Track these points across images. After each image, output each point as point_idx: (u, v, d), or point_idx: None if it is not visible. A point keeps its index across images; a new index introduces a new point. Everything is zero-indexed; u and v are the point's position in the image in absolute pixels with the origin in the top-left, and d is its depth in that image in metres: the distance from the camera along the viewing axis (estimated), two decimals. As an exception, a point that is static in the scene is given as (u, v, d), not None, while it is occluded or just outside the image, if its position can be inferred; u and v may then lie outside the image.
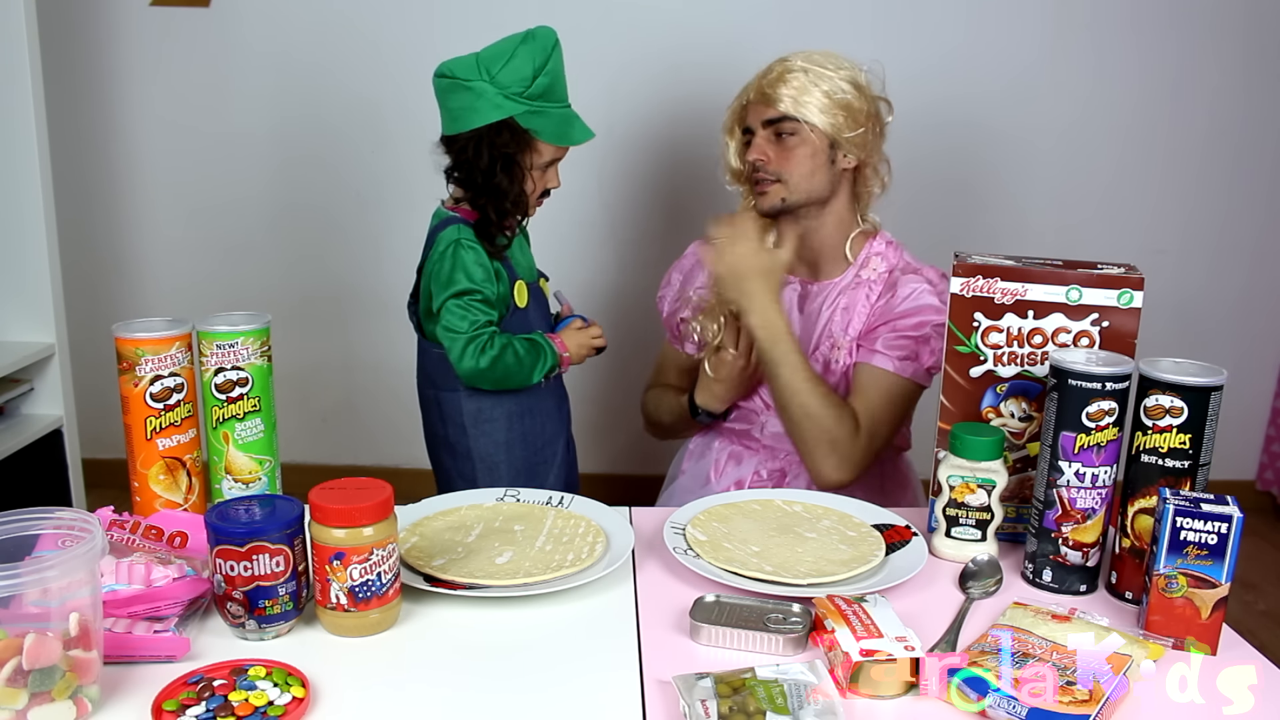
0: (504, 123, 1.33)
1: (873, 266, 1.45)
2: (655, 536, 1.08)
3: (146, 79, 2.51)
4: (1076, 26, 2.45)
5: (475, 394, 1.43)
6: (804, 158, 1.39)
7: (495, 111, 1.32)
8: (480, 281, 1.37)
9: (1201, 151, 2.53)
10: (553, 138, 1.33)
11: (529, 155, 1.35)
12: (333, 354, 2.68)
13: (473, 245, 1.38)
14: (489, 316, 1.37)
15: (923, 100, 2.44)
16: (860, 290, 1.44)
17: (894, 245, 1.47)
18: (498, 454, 1.45)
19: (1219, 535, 0.85)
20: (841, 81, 1.37)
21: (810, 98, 1.36)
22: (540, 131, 1.32)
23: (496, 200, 1.37)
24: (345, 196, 2.57)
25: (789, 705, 0.75)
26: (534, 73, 1.31)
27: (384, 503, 0.87)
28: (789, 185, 1.40)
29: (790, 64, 1.38)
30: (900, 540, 1.06)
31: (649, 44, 2.44)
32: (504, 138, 1.33)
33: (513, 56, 1.32)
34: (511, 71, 1.32)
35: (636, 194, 2.48)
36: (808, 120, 1.36)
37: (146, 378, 1.03)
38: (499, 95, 1.31)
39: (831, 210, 1.44)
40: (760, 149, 1.40)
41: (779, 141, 1.39)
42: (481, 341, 1.35)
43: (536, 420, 1.47)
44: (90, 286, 2.59)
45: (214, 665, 0.81)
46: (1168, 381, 0.93)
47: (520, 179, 1.36)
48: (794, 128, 1.38)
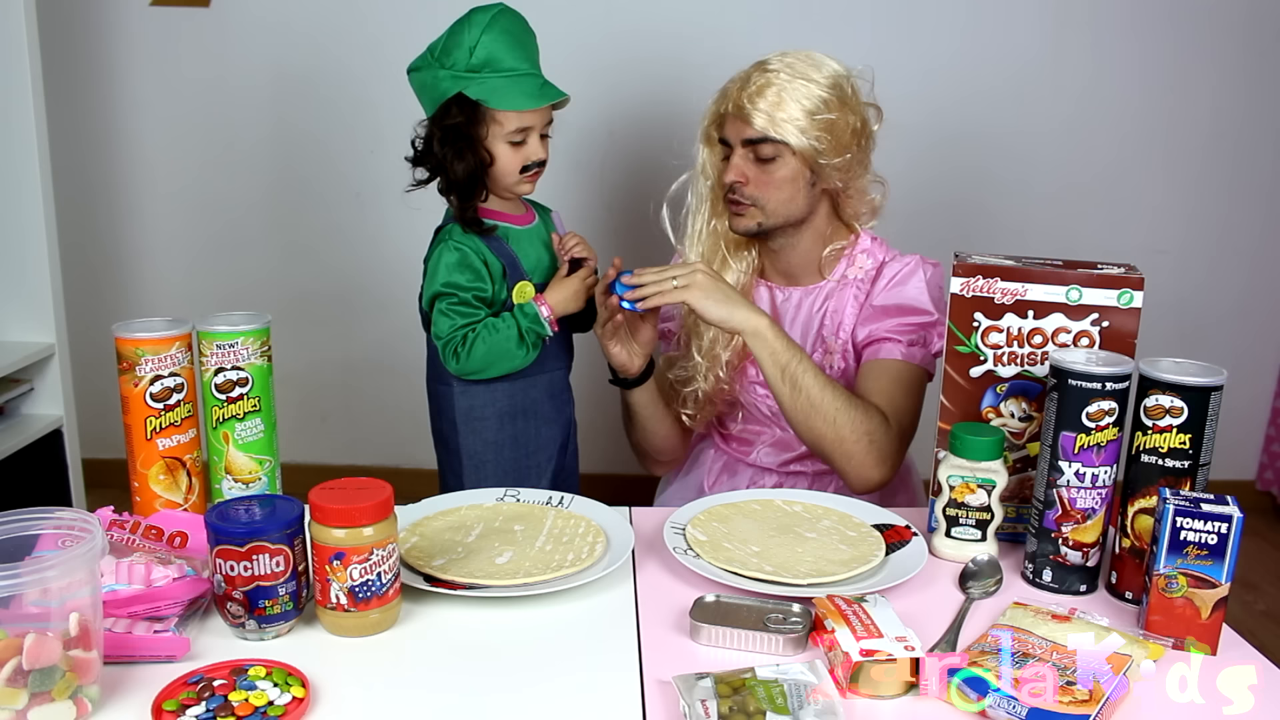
0: (452, 99, 1.33)
1: (859, 265, 1.42)
2: (655, 536, 1.08)
3: (146, 79, 2.51)
4: (1076, 26, 2.45)
5: (468, 391, 1.42)
6: (783, 182, 1.34)
7: (444, 90, 1.33)
8: (460, 284, 1.36)
9: (1201, 151, 2.53)
10: (501, 103, 1.32)
11: (487, 126, 1.35)
12: (333, 354, 2.68)
13: (459, 245, 1.37)
14: (470, 319, 1.36)
15: (922, 100, 2.44)
16: (848, 290, 1.42)
17: (879, 241, 1.44)
18: (486, 453, 1.45)
19: (1219, 535, 0.85)
20: (824, 93, 1.31)
21: (789, 116, 1.29)
22: (488, 99, 1.32)
23: (445, 174, 1.37)
24: (345, 196, 2.57)
25: (789, 705, 0.75)
26: (470, 45, 1.32)
27: (384, 503, 0.87)
28: (766, 210, 1.36)
29: (770, 75, 1.31)
30: (900, 540, 1.06)
31: (650, 45, 2.44)
32: (452, 113, 1.34)
33: (450, 35, 1.34)
34: (451, 49, 1.33)
35: (638, 195, 2.48)
36: (788, 143, 1.30)
37: (146, 378, 1.03)
38: (447, 75, 1.33)
39: (810, 227, 1.41)
40: (739, 170, 1.35)
41: (758, 164, 1.34)
42: (454, 344, 1.35)
43: (530, 423, 1.46)
44: (90, 286, 2.59)
45: (214, 665, 0.81)
46: (1168, 381, 0.93)
47: (475, 153, 1.35)
48: (774, 150, 1.32)
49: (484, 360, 1.35)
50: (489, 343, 1.34)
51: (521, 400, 1.45)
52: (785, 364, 1.27)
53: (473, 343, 1.35)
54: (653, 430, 1.53)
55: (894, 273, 1.39)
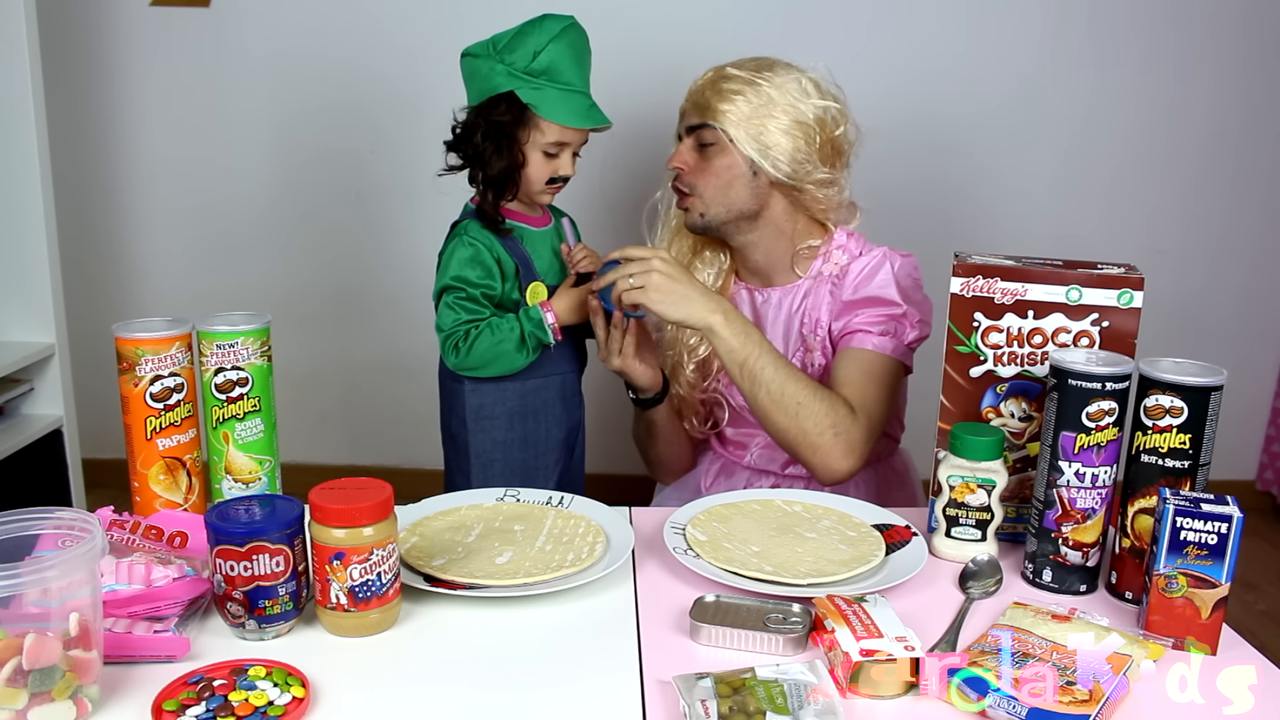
0: (503, 95, 1.34)
1: (834, 261, 1.40)
2: (655, 536, 1.08)
3: (146, 79, 2.51)
4: (1076, 26, 2.45)
5: (479, 390, 1.43)
6: (721, 169, 1.33)
7: (496, 84, 1.33)
8: (470, 279, 1.36)
9: (1201, 151, 2.53)
10: (551, 114, 1.33)
11: (529, 131, 1.35)
12: (333, 354, 2.68)
13: (473, 241, 1.37)
14: (474, 315, 1.36)
15: (922, 101, 2.45)
16: (823, 286, 1.41)
17: (855, 237, 1.42)
18: (494, 452, 1.45)
19: (1219, 535, 0.85)
20: (778, 95, 1.31)
21: (730, 106, 1.31)
22: (539, 106, 1.33)
23: (484, 167, 1.37)
24: (345, 196, 2.57)
25: (789, 705, 0.75)
26: (536, 49, 1.32)
27: (384, 503, 0.87)
28: (705, 199, 1.36)
29: (724, 69, 1.34)
30: (900, 540, 1.06)
31: (650, 46, 2.44)
32: (500, 109, 1.34)
33: (519, 34, 1.34)
34: (515, 47, 1.33)
35: (638, 195, 2.47)
36: (725, 130, 1.31)
37: (146, 378, 1.03)
38: (504, 70, 1.33)
39: (766, 222, 1.39)
40: (681, 157, 1.36)
41: (699, 151, 1.35)
42: (456, 338, 1.36)
43: (540, 424, 1.46)
44: (90, 286, 2.59)
45: (214, 665, 0.81)
46: (1168, 381, 0.93)
47: (512, 152, 1.36)
48: (713, 136, 1.33)
49: (482, 358, 1.36)
50: (489, 342, 1.35)
51: (533, 401, 1.45)
52: (743, 360, 1.25)
53: (474, 339, 1.35)
54: (675, 441, 1.55)
55: (861, 267, 1.38)
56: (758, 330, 1.28)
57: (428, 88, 1.43)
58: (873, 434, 1.31)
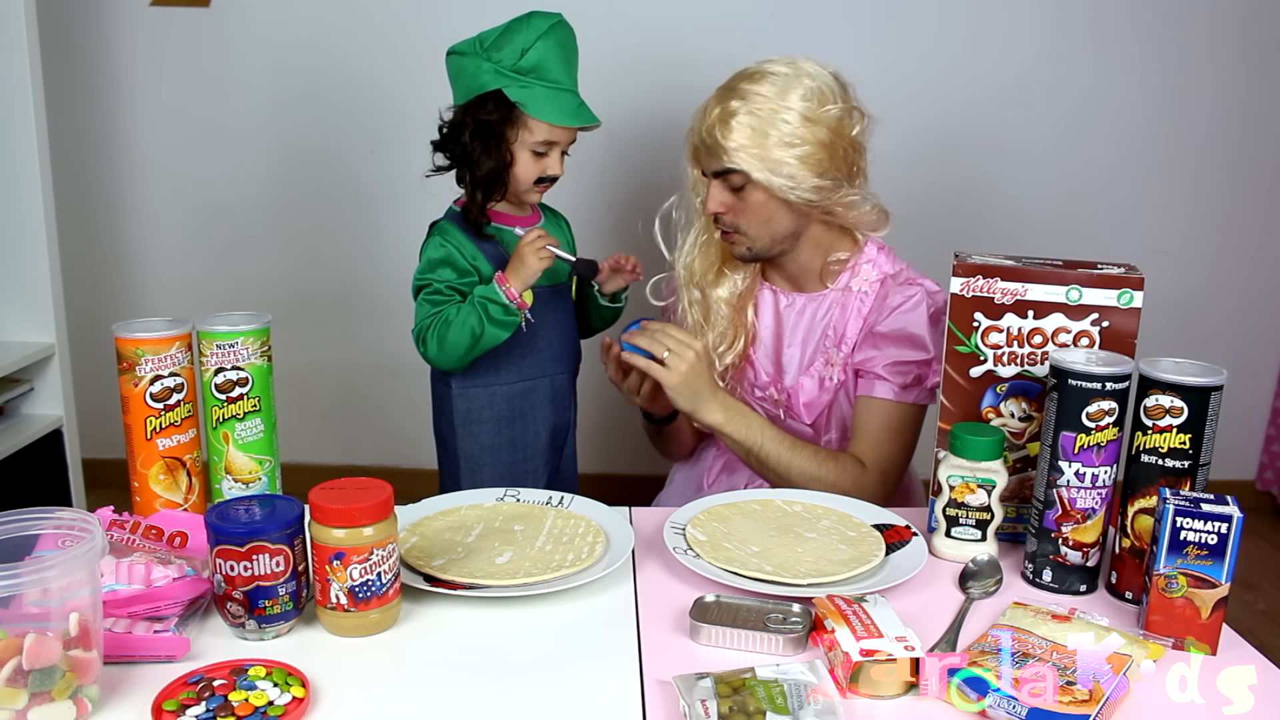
0: (491, 94, 1.33)
1: (864, 276, 1.39)
2: (655, 536, 1.08)
3: (146, 79, 2.51)
4: (1076, 26, 2.45)
5: (466, 394, 1.43)
6: (758, 207, 1.32)
7: (484, 82, 1.33)
8: (437, 277, 1.37)
9: (1201, 151, 2.53)
10: (540, 113, 1.32)
11: (517, 130, 1.34)
12: (333, 353, 2.68)
13: (444, 243, 1.38)
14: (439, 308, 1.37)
15: (922, 101, 2.45)
16: (851, 301, 1.39)
17: (886, 251, 1.41)
18: (482, 456, 1.45)
19: (1219, 535, 0.85)
20: (788, 117, 1.26)
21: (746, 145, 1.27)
22: (527, 105, 1.32)
23: (472, 167, 1.36)
24: (345, 196, 2.58)
25: (789, 705, 0.75)
26: (524, 46, 1.31)
27: (384, 503, 0.87)
28: (750, 236, 1.35)
29: (729, 104, 1.28)
30: (900, 540, 1.06)
31: (649, 45, 2.44)
32: (488, 107, 1.34)
33: (506, 31, 1.34)
34: (502, 45, 1.33)
35: (638, 195, 2.48)
36: (744, 170, 1.28)
37: (146, 378, 1.03)
38: (491, 68, 1.32)
39: (806, 238, 1.38)
40: (717, 201, 1.34)
41: (733, 194, 1.33)
42: (423, 332, 1.36)
43: (528, 427, 1.46)
44: (90, 286, 2.59)
45: (214, 665, 0.81)
46: (1168, 381, 0.93)
47: (500, 152, 1.35)
48: (741, 179, 1.30)
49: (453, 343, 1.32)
50: (451, 324, 1.33)
51: (520, 404, 1.45)
52: (748, 449, 1.33)
53: (437, 326, 1.35)
54: (684, 440, 1.60)
55: (900, 300, 1.35)
56: (759, 417, 1.34)
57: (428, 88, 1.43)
58: (887, 484, 1.35)
